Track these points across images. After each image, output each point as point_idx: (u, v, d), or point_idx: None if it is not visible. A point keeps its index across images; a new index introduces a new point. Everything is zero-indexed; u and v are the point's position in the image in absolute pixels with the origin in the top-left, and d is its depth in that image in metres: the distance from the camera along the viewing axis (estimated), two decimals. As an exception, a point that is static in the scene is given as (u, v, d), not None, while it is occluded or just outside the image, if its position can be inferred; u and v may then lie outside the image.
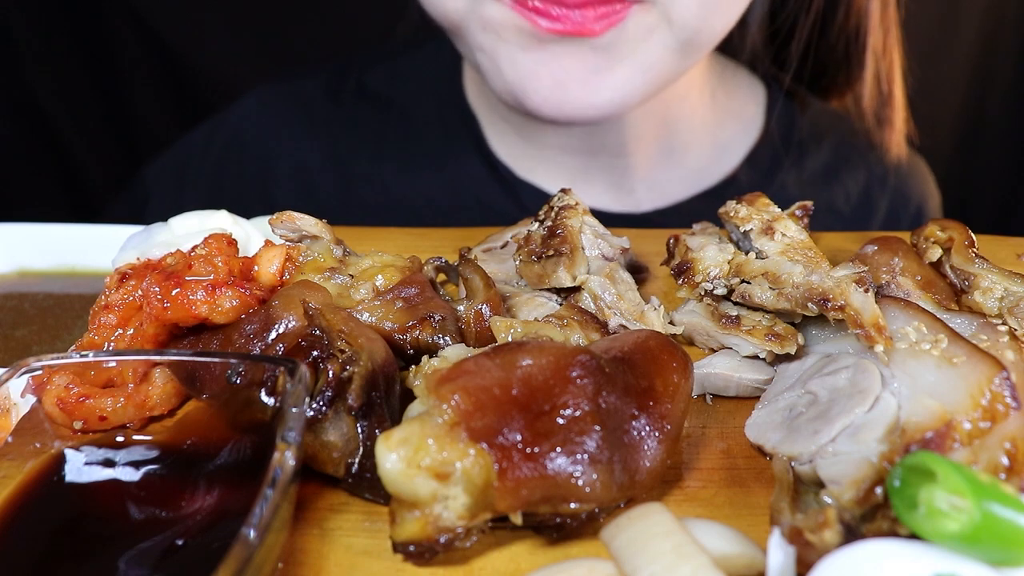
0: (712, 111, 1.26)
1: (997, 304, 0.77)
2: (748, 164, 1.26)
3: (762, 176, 1.26)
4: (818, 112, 1.33)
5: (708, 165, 1.26)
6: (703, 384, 0.76)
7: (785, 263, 0.77)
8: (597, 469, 0.57)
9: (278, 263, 0.78)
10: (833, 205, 1.28)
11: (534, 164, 1.24)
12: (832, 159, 1.31)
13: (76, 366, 0.68)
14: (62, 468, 0.63)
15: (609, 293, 0.80)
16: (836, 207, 1.29)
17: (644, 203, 1.24)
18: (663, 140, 1.22)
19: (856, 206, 1.30)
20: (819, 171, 1.30)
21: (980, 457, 0.57)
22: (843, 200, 1.29)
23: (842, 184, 1.30)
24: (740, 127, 1.29)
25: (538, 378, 0.59)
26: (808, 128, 1.30)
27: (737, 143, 1.28)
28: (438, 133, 1.29)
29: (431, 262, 0.84)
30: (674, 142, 1.23)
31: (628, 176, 1.23)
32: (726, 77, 1.29)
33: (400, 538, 0.56)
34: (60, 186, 1.93)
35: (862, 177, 1.31)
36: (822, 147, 1.31)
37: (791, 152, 1.28)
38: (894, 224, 1.32)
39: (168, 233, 0.82)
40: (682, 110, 1.21)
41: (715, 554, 0.54)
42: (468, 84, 1.30)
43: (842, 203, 1.29)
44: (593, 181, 1.22)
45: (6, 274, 1.01)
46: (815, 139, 1.30)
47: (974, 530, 0.48)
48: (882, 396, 0.63)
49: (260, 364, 0.64)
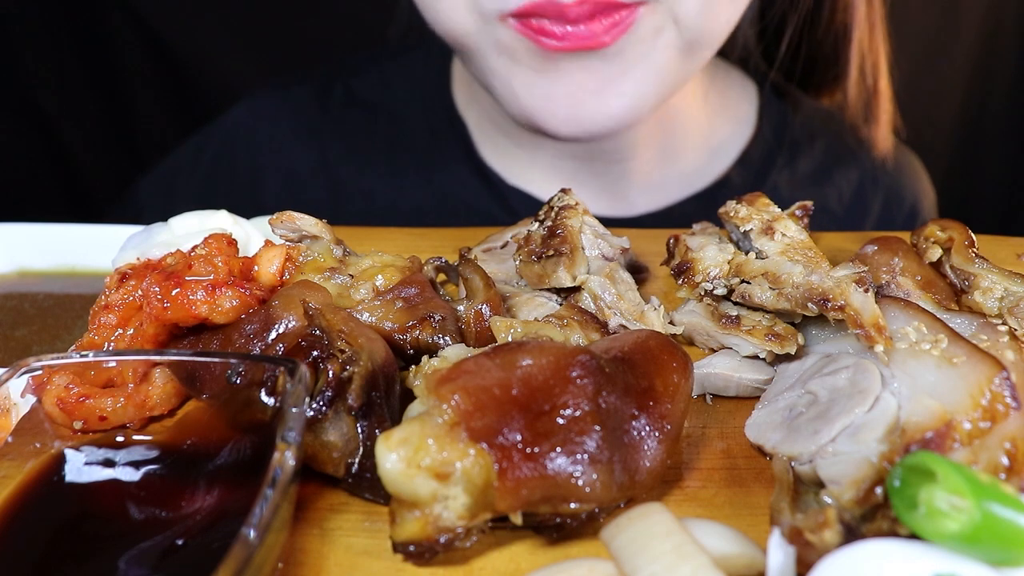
0: (705, 112, 1.26)
1: (997, 304, 0.77)
2: (741, 164, 1.26)
3: (755, 176, 1.26)
4: (810, 111, 1.33)
5: (701, 166, 1.26)
6: (703, 384, 0.76)
7: (785, 263, 0.77)
8: (597, 469, 0.57)
9: (278, 263, 0.78)
10: (826, 204, 1.28)
11: (525, 170, 1.24)
12: (825, 158, 1.31)
13: (76, 366, 0.68)
14: (62, 468, 0.63)
15: (609, 293, 0.80)
16: (829, 206, 1.28)
17: (638, 206, 1.24)
18: (659, 143, 1.22)
19: (849, 205, 1.30)
20: (812, 170, 1.29)
21: (980, 457, 0.57)
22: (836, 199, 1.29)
23: (835, 183, 1.30)
24: (732, 127, 1.29)
25: (538, 378, 0.59)
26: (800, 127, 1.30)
27: (729, 143, 1.28)
28: (427, 140, 1.28)
29: (431, 262, 0.84)
30: (669, 144, 1.23)
31: (623, 180, 1.23)
32: (718, 77, 1.29)
33: (400, 538, 0.56)
34: (60, 186, 1.93)
35: (855, 176, 1.31)
36: (815, 146, 1.31)
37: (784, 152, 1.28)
38: (888, 222, 1.32)
39: (168, 233, 0.82)
40: (678, 111, 1.21)
41: (715, 554, 0.54)
42: (457, 90, 1.29)
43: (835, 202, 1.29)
44: (586, 185, 1.22)
45: (6, 274, 1.02)
46: (807, 138, 1.30)
47: (974, 530, 0.48)
48: (882, 396, 0.63)
49: (260, 364, 0.64)
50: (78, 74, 1.84)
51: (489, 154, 1.26)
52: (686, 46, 0.96)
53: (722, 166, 1.26)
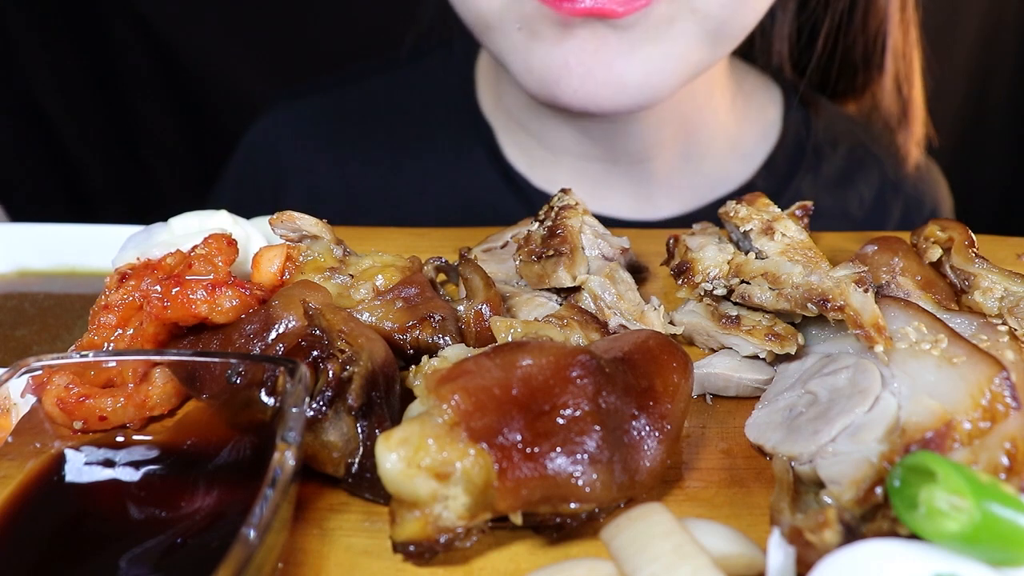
0: (732, 116, 1.25)
1: (997, 304, 0.77)
2: (766, 169, 1.25)
3: (780, 182, 1.25)
4: (834, 116, 1.32)
5: (727, 171, 1.25)
6: (703, 384, 0.76)
7: (785, 263, 0.77)
8: (597, 469, 0.57)
9: (278, 263, 0.78)
10: (848, 210, 1.28)
11: (552, 173, 1.23)
12: (847, 164, 1.30)
13: (76, 366, 0.68)
14: (62, 468, 0.63)
15: (609, 293, 0.80)
16: (850, 212, 1.28)
17: (663, 210, 1.23)
18: (683, 145, 1.21)
19: (870, 211, 1.29)
20: (835, 176, 1.29)
21: (980, 457, 0.57)
22: (857, 205, 1.29)
23: (856, 189, 1.29)
24: (759, 132, 1.28)
25: (538, 378, 0.59)
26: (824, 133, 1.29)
27: (755, 148, 1.27)
28: (451, 143, 1.27)
29: (431, 262, 0.84)
30: (694, 148, 1.22)
31: (648, 183, 1.22)
32: (744, 81, 1.28)
33: (400, 538, 0.56)
34: (60, 186, 1.93)
35: (877, 182, 1.31)
36: (838, 152, 1.30)
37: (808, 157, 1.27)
38: (907, 229, 1.32)
39: (168, 233, 0.82)
40: (703, 114, 1.20)
41: (715, 554, 0.54)
42: (482, 93, 1.28)
43: (856, 208, 1.29)
44: (613, 189, 1.21)
45: (6, 274, 1.02)
46: (831, 144, 1.30)
47: (974, 530, 0.49)
48: (882, 396, 0.63)
49: (260, 364, 0.64)
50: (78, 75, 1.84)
51: (514, 157, 1.25)
52: (708, 36, 0.96)
53: (748, 171, 1.25)
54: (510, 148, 1.25)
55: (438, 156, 1.28)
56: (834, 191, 1.28)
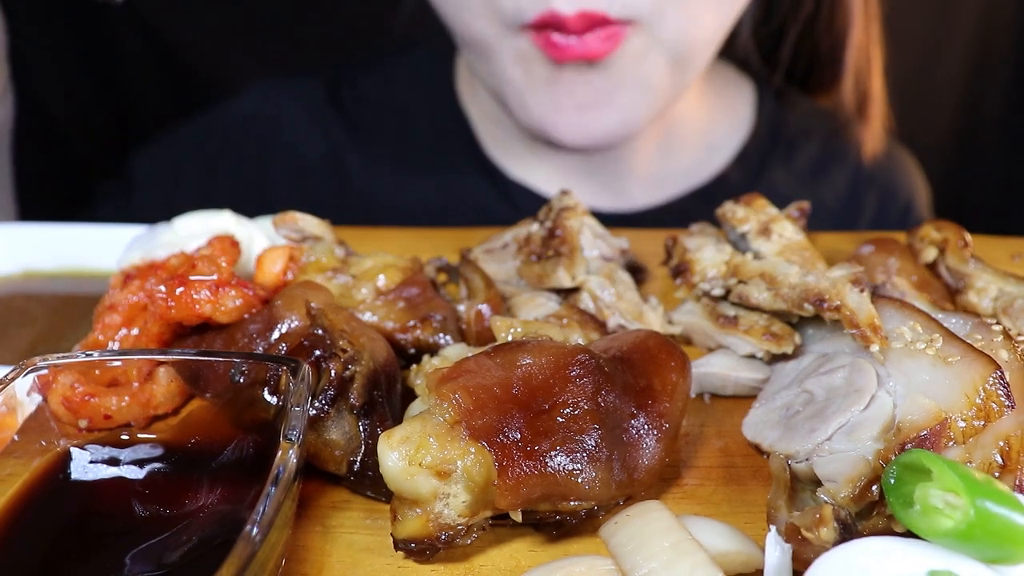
0: (703, 109, 1.28)
1: (991, 304, 0.77)
2: (738, 161, 1.28)
3: (752, 174, 1.28)
4: (806, 110, 1.35)
5: (700, 162, 1.28)
6: (701, 383, 0.76)
7: (782, 264, 0.77)
8: (596, 467, 0.58)
9: (281, 263, 0.79)
10: (823, 201, 1.30)
11: (528, 164, 1.26)
12: (820, 156, 1.33)
13: (81, 365, 0.69)
14: (68, 466, 0.64)
15: (608, 293, 0.81)
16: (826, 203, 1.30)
17: (638, 201, 1.26)
18: (659, 138, 1.24)
19: (844, 202, 1.32)
20: (808, 168, 1.31)
21: (974, 455, 0.58)
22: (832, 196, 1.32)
23: (830, 180, 1.32)
24: (730, 125, 1.31)
25: (538, 377, 0.59)
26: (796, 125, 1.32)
27: (727, 140, 1.30)
28: (432, 135, 1.31)
29: (432, 262, 0.85)
30: (668, 140, 1.25)
31: (623, 175, 1.25)
32: (715, 75, 1.31)
33: (401, 535, 0.57)
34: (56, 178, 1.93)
35: (849, 173, 1.33)
36: (810, 144, 1.33)
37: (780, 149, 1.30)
38: (883, 219, 1.33)
39: (172, 234, 0.82)
40: (677, 108, 1.23)
41: (713, 551, 0.55)
42: (461, 85, 1.31)
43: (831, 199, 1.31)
44: (588, 180, 1.24)
45: (12, 275, 1.02)
46: (803, 136, 1.33)
47: (968, 527, 0.49)
48: (878, 395, 0.64)
49: (263, 363, 0.65)
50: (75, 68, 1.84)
51: (492, 149, 1.28)
52: (673, 61, 1.02)
53: (720, 162, 1.28)
54: (488, 140, 1.28)
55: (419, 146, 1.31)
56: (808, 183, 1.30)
